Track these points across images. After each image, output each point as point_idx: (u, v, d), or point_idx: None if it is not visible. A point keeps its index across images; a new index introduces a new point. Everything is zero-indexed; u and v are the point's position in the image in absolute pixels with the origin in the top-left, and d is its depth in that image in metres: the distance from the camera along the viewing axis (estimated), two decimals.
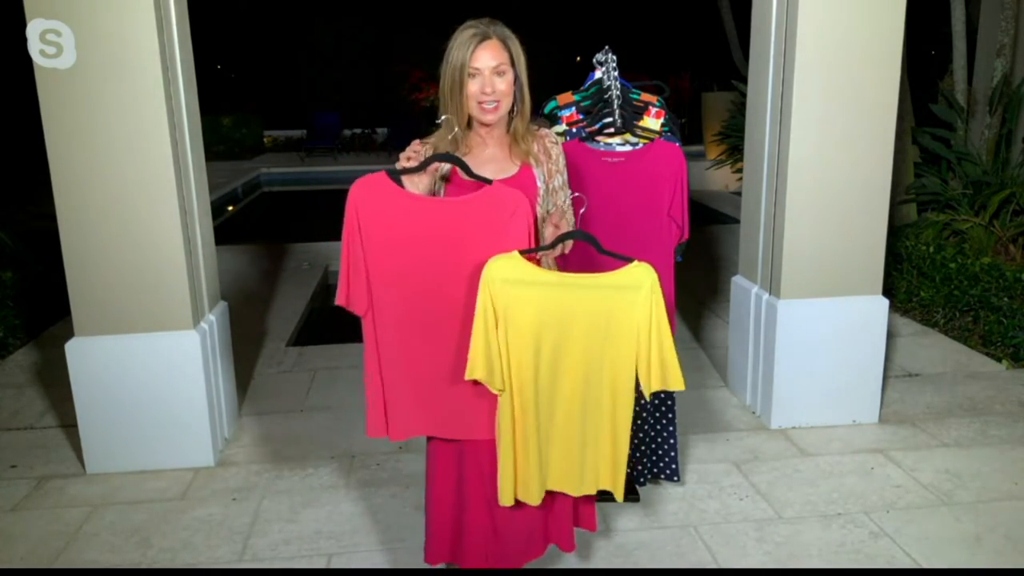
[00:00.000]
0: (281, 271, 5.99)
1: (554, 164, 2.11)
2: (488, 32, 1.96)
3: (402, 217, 1.89)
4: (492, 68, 1.94)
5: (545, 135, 2.13)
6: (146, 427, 3.03)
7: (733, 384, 3.69)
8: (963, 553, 2.50)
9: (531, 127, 2.10)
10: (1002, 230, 4.89)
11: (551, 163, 2.11)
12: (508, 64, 1.97)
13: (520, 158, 2.06)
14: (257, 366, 4.11)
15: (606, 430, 1.95)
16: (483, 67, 1.94)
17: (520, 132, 2.06)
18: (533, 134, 2.10)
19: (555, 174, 2.11)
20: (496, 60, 1.94)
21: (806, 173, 3.16)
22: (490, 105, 1.97)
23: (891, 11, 3.05)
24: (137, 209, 2.89)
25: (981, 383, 3.76)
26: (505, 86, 1.97)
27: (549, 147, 2.12)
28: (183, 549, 2.59)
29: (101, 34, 2.75)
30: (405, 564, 2.49)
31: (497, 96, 1.96)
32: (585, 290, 1.88)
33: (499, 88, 1.96)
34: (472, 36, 1.94)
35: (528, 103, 2.04)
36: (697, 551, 2.53)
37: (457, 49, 1.94)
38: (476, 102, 1.97)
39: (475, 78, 1.95)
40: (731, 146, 9.51)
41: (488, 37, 1.95)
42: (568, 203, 2.17)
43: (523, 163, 2.06)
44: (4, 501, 2.88)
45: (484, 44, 1.94)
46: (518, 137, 2.06)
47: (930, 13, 6.10)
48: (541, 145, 2.11)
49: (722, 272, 5.59)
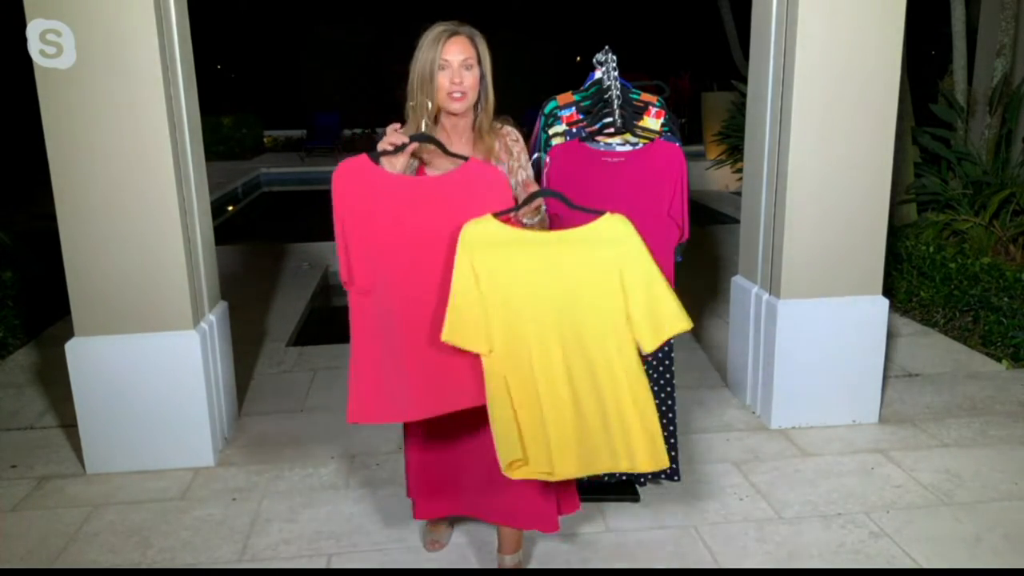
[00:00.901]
0: (281, 271, 5.99)
1: (516, 161, 2.22)
2: (457, 30, 2.09)
3: (386, 195, 2.01)
4: (460, 61, 2.06)
5: (507, 133, 2.24)
6: (146, 427, 3.03)
7: (733, 384, 3.69)
8: (963, 553, 2.50)
9: (495, 125, 2.21)
10: (1002, 230, 4.89)
11: (512, 160, 2.22)
12: (475, 60, 2.09)
13: (483, 155, 2.16)
14: (257, 366, 4.11)
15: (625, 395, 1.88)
16: (452, 60, 2.06)
17: (484, 128, 2.17)
18: (496, 132, 2.21)
19: (517, 170, 2.22)
20: (464, 54, 2.07)
21: (806, 173, 3.16)
22: (457, 95, 2.08)
23: (891, 11, 3.05)
24: (137, 209, 2.89)
25: (981, 383, 3.76)
26: (472, 80, 2.09)
27: (511, 145, 2.23)
28: (183, 549, 2.59)
29: (101, 34, 2.75)
30: (405, 564, 2.49)
31: (464, 88, 2.07)
32: (569, 244, 1.91)
33: (467, 81, 2.07)
34: (442, 32, 2.07)
35: (492, 100, 2.16)
36: (697, 551, 2.53)
37: (427, 45, 2.07)
38: (445, 92, 2.08)
39: (444, 70, 2.06)
40: (731, 146, 9.50)
41: (457, 34, 2.08)
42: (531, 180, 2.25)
43: (485, 159, 2.16)
44: (4, 501, 2.88)
45: (453, 39, 2.07)
46: (482, 133, 2.18)
47: (930, 13, 6.10)
48: (503, 143, 2.22)
49: (722, 272, 5.59)
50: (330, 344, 4.35)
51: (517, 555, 2.39)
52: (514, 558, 2.38)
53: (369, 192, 2.01)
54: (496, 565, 2.41)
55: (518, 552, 2.39)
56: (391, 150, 2.02)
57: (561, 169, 2.57)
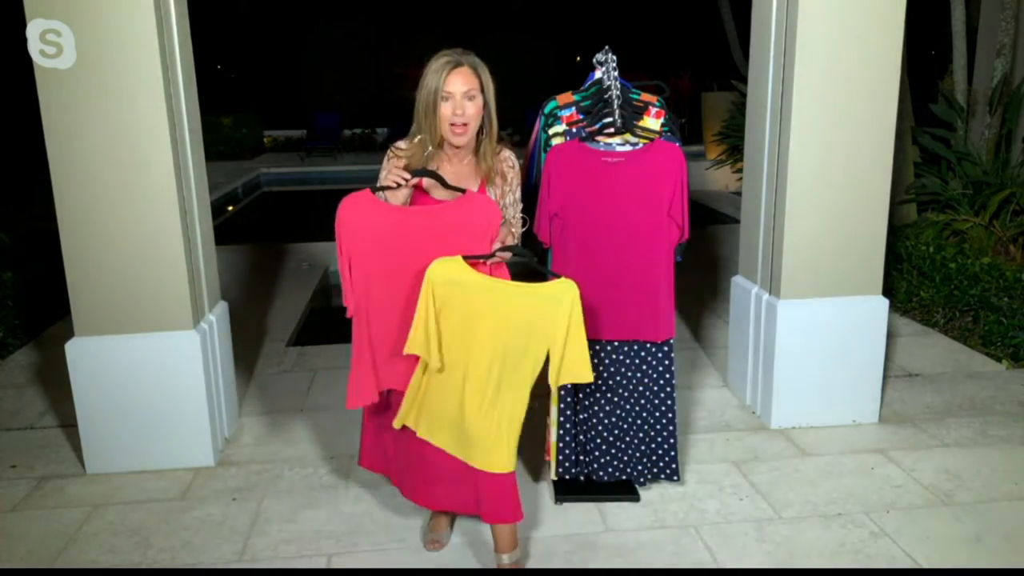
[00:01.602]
0: (281, 271, 5.99)
1: (508, 185, 2.39)
2: (461, 60, 2.18)
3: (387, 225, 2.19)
4: (463, 92, 2.17)
5: (505, 159, 2.38)
6: (146, 427, 3.03)
7: (733, 384, 3.69)
8: (963, 553, 2.50)
9: (495, 148, 2.34)
10: (1002, 230, 4.89)
11: (505, 184, 2.38)
12: (478, 90, 2.19)
13: (479, 177, 2.32)
14: (257, 366, 4.11)
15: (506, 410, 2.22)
16: (455, 91, 2.16)
17: (486, 153, 2.31)
18: (495, 156, 2.34)
19: (507, 193, 2.39)
20: (467, 86, 2.17)
21: (806, 173, 3.16)
22: (459, 128, 2.20)
23: (891, 11, 3.05)
24: (137, 209, 2.89)
25: (981, 383, 3.76)
26: (474, 110, 2.20)
27: (506, 171, 2.38)
28: (183, 549, 2.59)
29: (101, 34, 2.75)
30: (405, 564, 2.50)
31: (466, 119, 2.19)
32: (510, 295, 2.18)
33: (468, 111, 2.18)
34: (446, 63, 2.17)
35: (495, 127, 2.29)
36: (697, 551, 2.53)
37: (432, 75, 2.17)
38: (448, 124, 2.20)
39: (447, 101, 2.17)
40: (731, 146, 9.50)
41: (460, 65, 2.17)
42: (517, 218, 2.44)
43: (482, 180, 2.32)
44: (4, 501, 2.88)
45: (456, 71, 2.17)
46: (484, 156, 2.31)
47: (930, 13, 6.10)
48: (499, 168, 2.36)
49: (722, 272, 5.59)
50: (330, 344, 4.35)
51: (515, 553, 2.39)
52: (512, 556, 2.38)
53: (372, 223, 2.18)
54: (495, 565, 2.41)
55: (515, 550, 2.39)
56: (394, 187, 2.19)
57: (561, 169, 2.57)
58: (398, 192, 2.20)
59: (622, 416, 2.79)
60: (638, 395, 2.78)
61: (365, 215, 2.20)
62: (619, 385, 2.77)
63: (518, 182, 2.41)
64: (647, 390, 2.78)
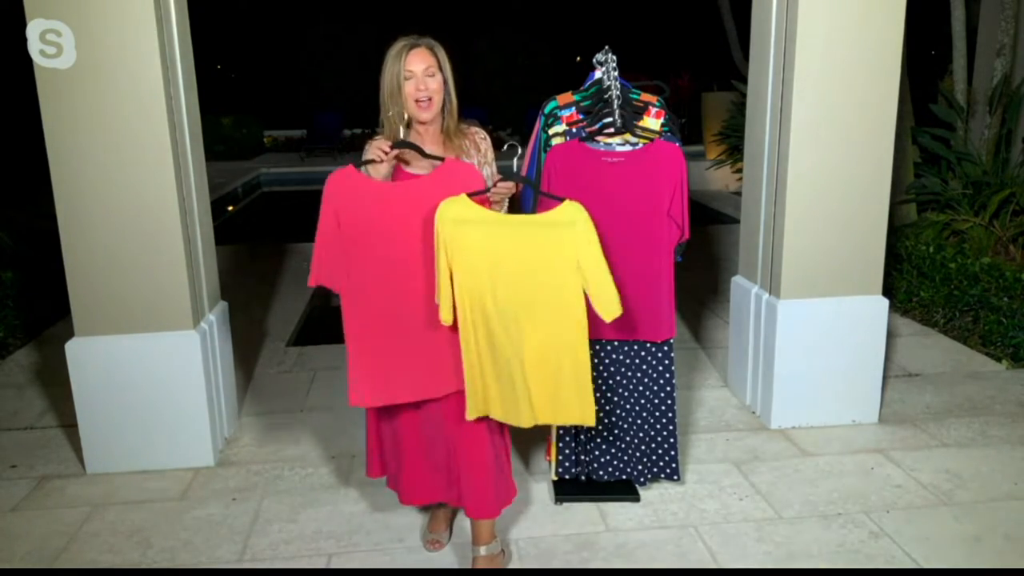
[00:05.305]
0: (281, 271, 6.00)
1: (483, 156, 2.44)
2: (417, 42, 2.29)
3: (374, 200, 2.20)
4: (423, 70, 2.27)
5: (475, 132, 2.46)
6: (146, 427, 3.03)
7: (733, 384, 3.69)
8: (963, 553, 2.50)
9: (461, 126, 2.41)
10: (1002, 230, 4.89)
11: (479, 155, 2.43)
12: (436, 67, 2.29)
13: (453, 153, 2.37)
14: (257, 366, 4.11)
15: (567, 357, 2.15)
16: (416, 70, 2.26)
17: (451, 129, 2.38)
18: (463, 132, 2.42)
19: (483, 165, 2.42)
20: (425, 63, 2.27)
21: (806, 173, 3.16)
22: (424, 103, 2.28)
23: (891, 11, 3.05)
24: (137, 209, 2.89)
25: (981, 383, 3.76)
26: (436, 85, 2.29)
27: (479, 142, 2.45)
28: (183, 549, 2.59)
29: (101, 34, 2.76)
30: (405, 564, 2.50)
31: (430, 93, 2.28)
32: (523, 227, 2.17)
33: (431, 87, 2.28)
34: (404, 46, 2.28)
35: (455, 102, 2.37)
36: (697, 551, 2.53)
37: (392, 59, 2.27)
38: (413, 100, 2.28)
39: (410, 80, 2.27)
40: (731, 146, 9.50)
41: (417, 46, 2.28)
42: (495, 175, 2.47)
43: (456, 157, 2.36)
44: (4, 501, 2.88)
45: (414, 51, 2.27)
46: (450, 134, 2.39)
47: (930, 13, 6.10)
48: (471, 140, 2.43)
49: (722, 272, 5.59)
50: (330, 344, 4.35)
51: (491, 545, 2.41)
52: (489, 548, 2.40)
53: (359, 196, 2.20)
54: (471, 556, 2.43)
55: (493, 542, 2.41)
56: (377, 160, 2.25)
57: (561, 169, 2.57)
58: (380, 166, 2.27)
59: (622, 416, 2.79)
60: (638, 395, 2.78)
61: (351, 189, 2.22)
62: (619, 385, 2.78)
63: (492, 155, 2.48)
64: (647, 390, 2.78)
